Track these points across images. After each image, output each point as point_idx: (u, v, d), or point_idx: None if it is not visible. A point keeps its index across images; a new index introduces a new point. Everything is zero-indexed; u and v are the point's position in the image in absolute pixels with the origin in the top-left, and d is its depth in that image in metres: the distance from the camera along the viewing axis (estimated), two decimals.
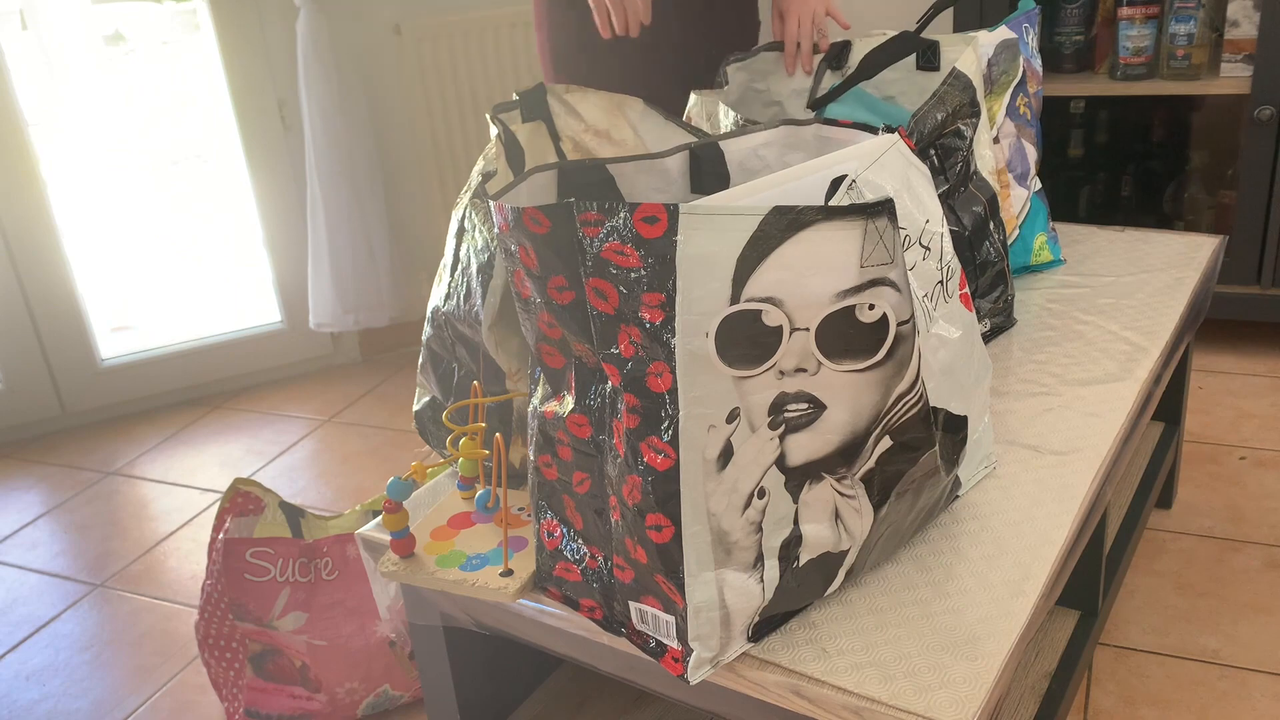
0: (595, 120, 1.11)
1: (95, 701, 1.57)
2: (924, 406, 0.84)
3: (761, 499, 0.78)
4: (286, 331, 2.60)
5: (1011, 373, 1.21)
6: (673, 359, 0.72)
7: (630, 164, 0.99)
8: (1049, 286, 1.43)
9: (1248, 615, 1.49)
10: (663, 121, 1.09)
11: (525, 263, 0.78)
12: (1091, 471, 1.02)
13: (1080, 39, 2.25)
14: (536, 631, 0.96)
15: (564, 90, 1.10)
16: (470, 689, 1.11)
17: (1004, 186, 1.39)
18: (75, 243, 2.43)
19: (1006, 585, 0.88)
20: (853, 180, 0.81)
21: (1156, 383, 1.23)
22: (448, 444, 1.00)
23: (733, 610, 0.81)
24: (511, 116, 1.07)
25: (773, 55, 1.42)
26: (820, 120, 0.97)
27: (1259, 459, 1.85)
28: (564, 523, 0.87)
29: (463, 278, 1.00)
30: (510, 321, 0.98)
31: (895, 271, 0.77)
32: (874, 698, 0.78)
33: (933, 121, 1.17)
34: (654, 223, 0.69)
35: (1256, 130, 2.04)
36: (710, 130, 1.32)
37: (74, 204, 2.90)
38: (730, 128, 1.27)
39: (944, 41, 1.29)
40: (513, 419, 1.04)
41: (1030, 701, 1.13)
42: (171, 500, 2.12)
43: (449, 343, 1.06)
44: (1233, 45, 2.07)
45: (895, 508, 0.86)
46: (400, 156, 2.56)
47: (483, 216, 0.97)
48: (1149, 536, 1.67)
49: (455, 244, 1.02)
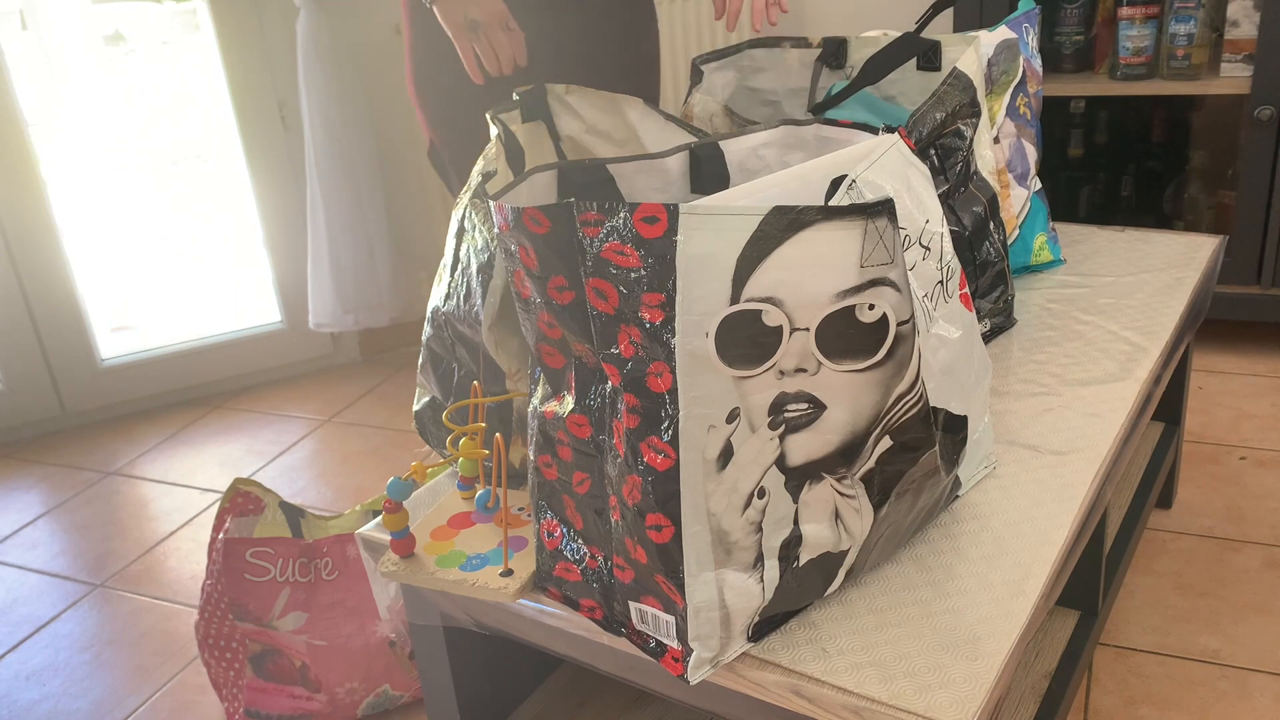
0: (595, 120, 1.11)
1: (95, 701, 1.57)
2: (924, 406, 0.84)
3: (761, 499, 0.78)
4: (286, 331, 2.60)
5: (1011, 373, 1.21)
6: (673, 359, 0.72)
7: (630, 164, 0.99)
8: (1049, 286, 1.43)
9: (1248, 615, 1.49)
10: (663, 121, 1.09)
11: (525, 263, 0.78)
12: (1091, 471, 1.02)
13: (1080, 39, 2.25)
14: (536, 631, 0.96)
15: (564, 90, 1.10)
16: (470, 689, 1.11)
17: (1004, 186, 1.39)
18: (75, 243, 2.43)
19: (1006, 585, 0.88)
20: (853, 180, 0.81)
21: (1156, 383, 1.23)
22: (448, 444, 1.00)
23: (733, 610, 0.81)
24: (511, 117, 1.07)
25: (762, 52, 1.42)
26: (820, 120, 0.97)
27: (1259, 459, 1.85)
28: (564, 523, 0.87)
29: (463, 278, 1.00)
30: (510, 321, 0.98)
31: (895, 271, 0.77)
32: (874, 698, 0.78)
33: (932, 121, 1.17)
34: (654, 223, 0.69)
35: (1256, 130, 2.04)
36: (710, 130, 1.32)
37: (74, 204, 2.90)
38: (729, 127, 1.27)
39: (945, 41, 1.28)
40: (513, 419, 1.04)
41: (1030, 701, 1.13)
42: (171, 500, 2.12)
43: (449, 343, 1.06)
44: (1233, 45, 2.07)
45: (895, 508, 0.86)
46: (400, 156, 2.56)
47: (483, 216, 0.97)
48: (1149, 536, 1.67)
49: (455, 244, 1.02)
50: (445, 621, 1.06)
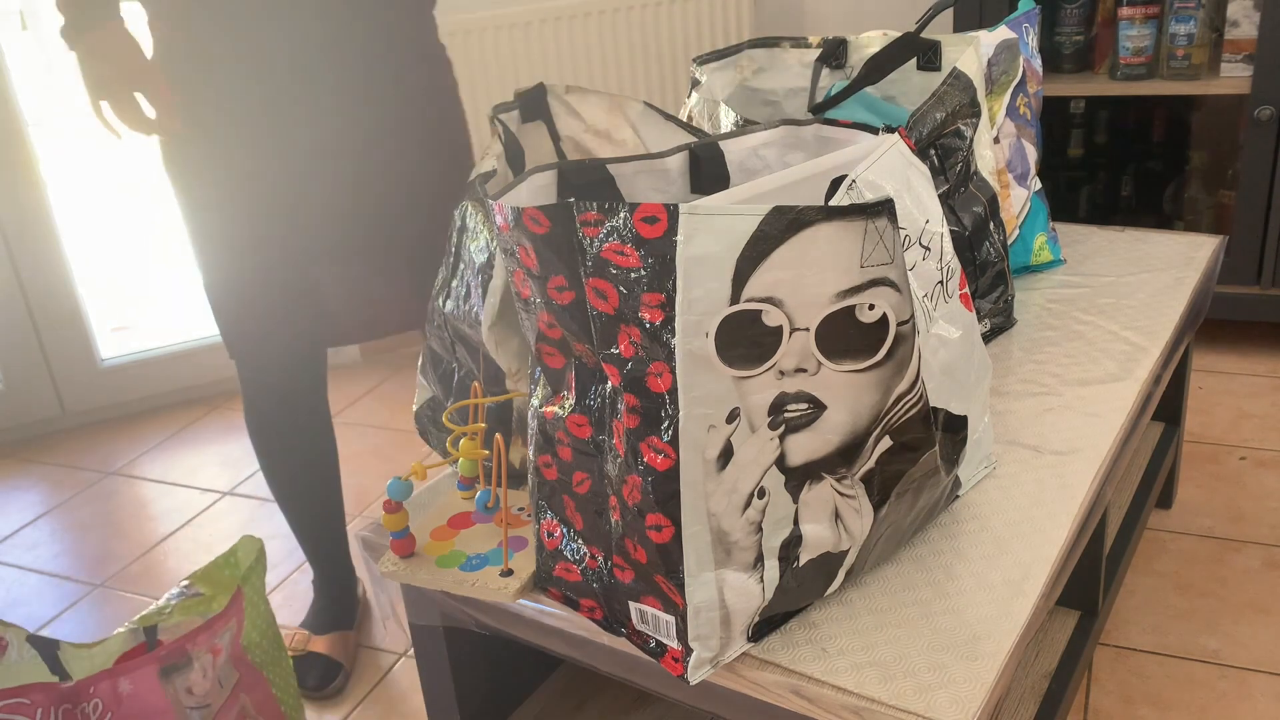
0: (595, 120, 1.11)
1: None
2: (924, 407, 0.84)
3: (761, 499, 0.78)
4: None
5: (1011, 373, 1.21)
6: (673, 359, 0.72)
7: (630, 164, 0.99)
8: (1049, 286, 1.43)
9: (1248, 615, 1.49)
10: (662, 121, 1.09)
11: (525, 263, 0.78)
12: (1091, 471, 1.02)
13: (1080, 39, 2.25)
14: (536, 631, 0.96)
15: (564, 90, 1.10)
16: (470, 689, 1.11)
17: (1004, 186, 1.39)
18: (75, 243, 2.43)
19: (1006, 585, 0.88)
20: (853, 180, 0.81)
21: (1156, 383, 1.23)
22: (448, 444, 1.01)
23: (733, 610, 0.81)
24: (511, 117, 1.07)
25: (762, 52, 1.42)
26: (820, 120, 0.97)
27: (1259, 459, 1.85)
28: (564, 523, 0.87)
29: (463, 278, 1.00)
30: (510, 321, 0.98)
31: (895, 271, 0.77)
32: (874, 698, 0.78)
33: (931, 121, 1.17)
34: (654, 223, 0.69)
35: (1256, 130, 2.04)
36: (711, 130, 1.32)
37: (74, 204, 2.90)
38: (729, 127, 1.27)
39: (945, 41, 1.28)
40: (513, 419, 1.04)
41: (1030, 701, 1.13)
42: (171, 500, 2.12)
43: (449, 343, 1.06)
44: (1233, 45, 2.07)
45: (895, 508, 0.86)
46: None
47: (483, 216, 0.97)
48: (1149, 536, 1.67)
49: (455, 243, 1.02)
50: (445, 621, 1.06)
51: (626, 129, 1.11)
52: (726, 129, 1.29)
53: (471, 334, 1.01)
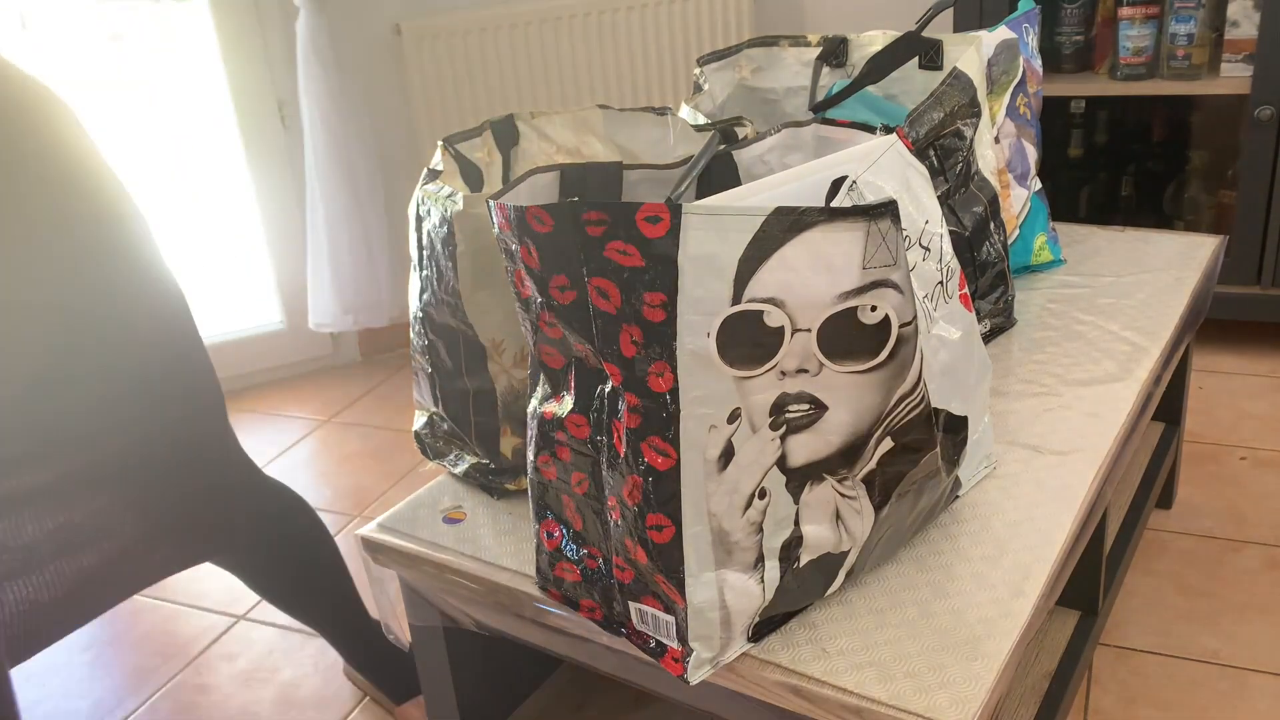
0: (564, 140, 1.11)
1: (95, 702, 1.57)
2: (926, 408, 0.84)
3: (762, 499, 0.78)
4: (286, 331, 2.60)
5: (1011, 373, 1.21)
6: (674, 359, 0.72)
7: (634, 172, 0.99)
8: (1049, 286, 1.43)
9: (1248, 615, 1.49)
10: (628, 116, 1.09)
11: (526, 261, 0.78)
12: (1091, 471, 1.02)
13: (1080, 39, 2.25)
14: (536, 631, 0.96)
15: (530, 115, 1.10)
16: (470, 689, 1.11)
17: (1004, 186, 1.39)
18: None
19: (1006, 585, 0.88)
20: (853, 182, 0.81)
21: (1156, 383, 1.23)
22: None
23: (733, 610, 0.81)
24: (472, 145, 1.08)
25: (762, 51, 1.42)
26: (819, 120, 0.97)
27: (1259, 459, 1.85)
28: (563, 523, 0.87)
29: (431, 262, 1.00)
30: (492, 292, 0.97)
31: (898, 273, 0.77)
32: (874, 698, 0.78)
33: (930, 121, 1.17)
34: (656, 222, 0.69)
35: (1256, 130, 2.04)
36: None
37: None
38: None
39: (946, 41, 1.28)
40: (498, 407, 1.03)
41: (1030, 701, 1.13)
42: None
43: (430, 346, 1.05)
44: (1233, 45, 2.07)
45: (896, 508, 0.86)
46: (400, 157, 2.56)
47: (435, 197, 0.97)
48: (1149, 536, 1.67)
49: (417, 235, 1.02)
50: (445, 622, 1.06)
51: (595, 142, 1.11)
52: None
53: (450, 318, 1.00)
